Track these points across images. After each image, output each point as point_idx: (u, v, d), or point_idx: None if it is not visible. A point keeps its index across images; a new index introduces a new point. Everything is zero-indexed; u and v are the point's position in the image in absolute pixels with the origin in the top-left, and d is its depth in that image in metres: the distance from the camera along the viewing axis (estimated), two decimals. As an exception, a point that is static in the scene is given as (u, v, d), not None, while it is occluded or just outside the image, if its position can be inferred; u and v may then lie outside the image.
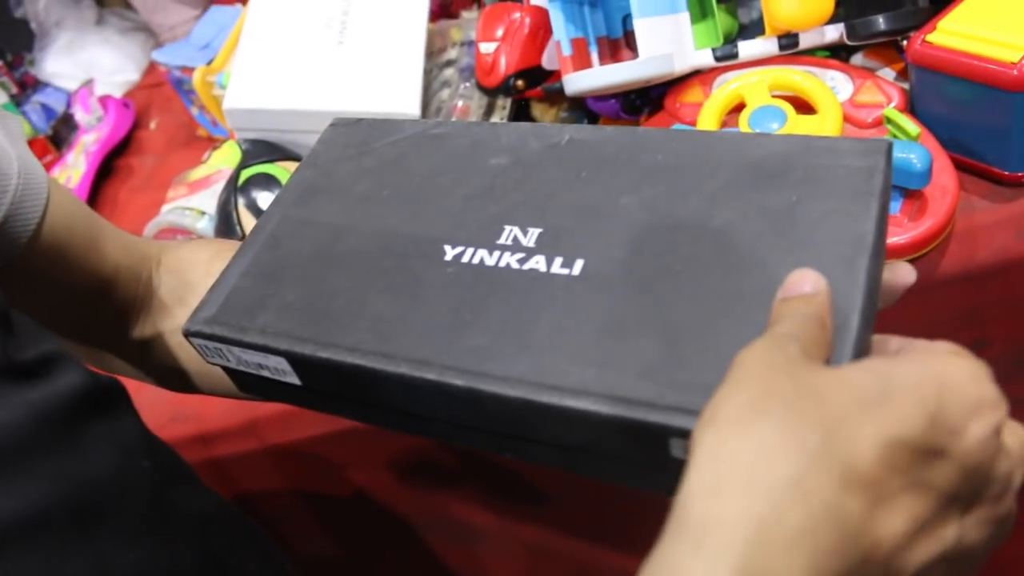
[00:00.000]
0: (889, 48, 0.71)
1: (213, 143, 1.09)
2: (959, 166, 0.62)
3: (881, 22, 0.65)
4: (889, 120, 0.62)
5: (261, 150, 0.77)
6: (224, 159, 0.89)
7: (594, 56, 0.72)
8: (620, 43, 0.75)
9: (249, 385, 0.47)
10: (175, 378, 0.57)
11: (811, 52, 0.70)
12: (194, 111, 1.09)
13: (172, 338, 0.56)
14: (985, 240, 0.61)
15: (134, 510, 0.36)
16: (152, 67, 1.32)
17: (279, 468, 0.77)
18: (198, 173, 0.88)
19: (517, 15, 0.75)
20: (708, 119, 0.65)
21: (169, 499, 0.38)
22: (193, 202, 0.84)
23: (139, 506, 0.36)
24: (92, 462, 0.35)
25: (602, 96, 0.74)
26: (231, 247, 0.58)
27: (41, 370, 0.35)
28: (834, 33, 0.68)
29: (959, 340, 0.64)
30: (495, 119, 0.82)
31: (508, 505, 0.79)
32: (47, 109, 1.32)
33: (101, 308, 0.54)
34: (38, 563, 0.31)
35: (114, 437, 0.37)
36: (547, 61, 0.76)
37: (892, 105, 0.64)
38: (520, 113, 0.83)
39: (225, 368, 0.45)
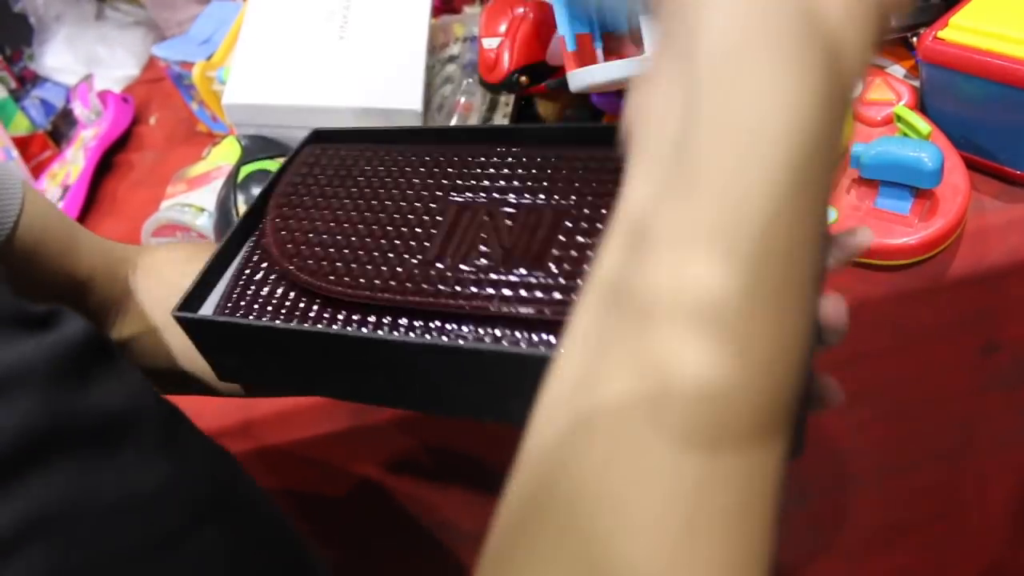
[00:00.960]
0: (898, 45, 0.70)
1: (213, 139, 1.08)
2: (970, 165, 0.61)
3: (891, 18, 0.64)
4: (899, 118, 0.61)
5: (261, 146, 0.76)
6: (224, 155, 0.88)
7: (599, 52, 0.71)
8: (626, 39, 0.74)
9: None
10: (154, 378, 0.56)
11: (820, 49, 0.69)
12: (194, 106, 1.08)
13: (150, 338, 0.56)
14: (997, 241, 0.60)
15: (150, 435, 0.36)
16: (152, 62, 1.31)
17: (274, 469, 0.76)
18: (197, 169, 0.87)
19: (521, 10, 0.74)
20: (715, 116, 0.64)
21: (178, 431, 0.39)
22: (192, 198, 0.83)
23: (154, 432, 0.37)
24: (104, 395, 0.36)
25: (607, 92, 0.72)
26: (206, 249, 0.59)
27: (51, 320, 0.36)
28: (843, 29, 0.67)
29: (969, 344, 0.63)
30: (498, 116, 0.81)
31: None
32: (46, 104, 1.31)
33: (78, 311, 0.53)
34: (66, 476, 0.31)
35: (122, 376, 0.38)
36: (551, 57, 0.75)
37: (902, 103, 0.63)
38: (524, 109, 0.82)
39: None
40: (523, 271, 0.40)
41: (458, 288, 0.41)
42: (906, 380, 0.67)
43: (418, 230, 0.44)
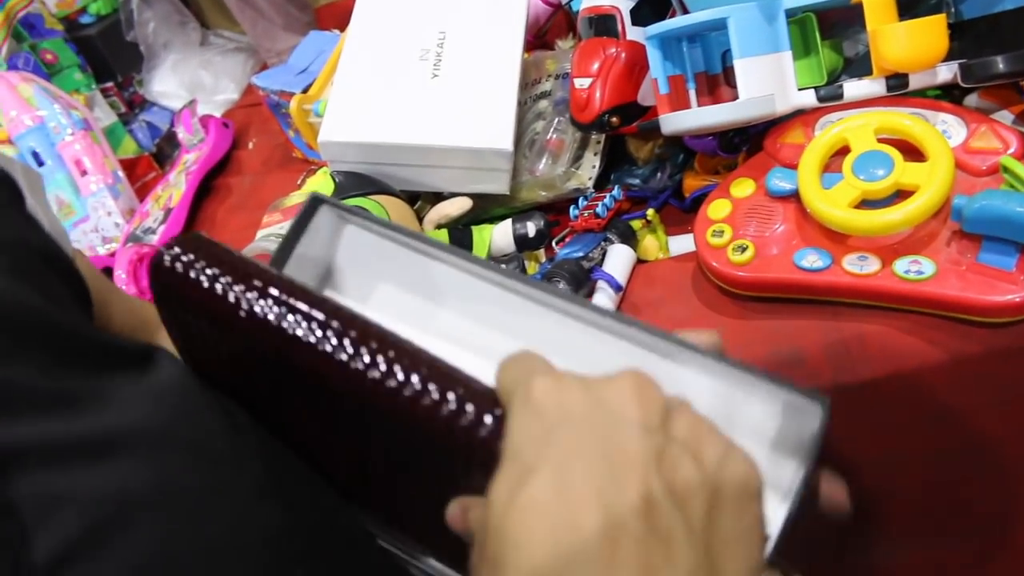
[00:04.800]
0: (1008, 89, 0.67)
1: (308, 166, 1.11)
2: (1082, 218, 0.58)
3: (1000, 63, 0.62)
4: (1006, 169, 0.58)
5: (354, 183, 0.78)
6: (318, 186, 0.90)
7: (692, 94, 0.70)
8: (719, 79, 0.73)
9: None
10: None
11: (921, 92, 0.67)
12: (290, 133, 1.11)
13: None
14: (1108, 298, 0.57)
15: (253, 476, 0.38)
16: (251, 87, 1.35)
17: None
18: (292, 200, 0.90)
19: (613, 50, 0.74)
20: (810, 163, 0.63)
21: (279, 469, 0.40)
22: (286, 229, 0.85)
23: (256, 473, 0.38)
24: (209, 435, 0.37)
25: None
26: None
27: (145, 356, 0.37)
28: (947, 73, 0.65)
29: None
30: (589, 153, 0.81)
31: None
32: (152, 127, 1.37)
33: None
34: (177, 526, 0.33)
35: (221, 409, 0.38)
36: (643, 97, 0.75)
37: (1010, 152, 0.60)
38: (615, 148, 0.82)
39: None
40: None
41: None
42: (1006, 439, 0.65)
43: None
